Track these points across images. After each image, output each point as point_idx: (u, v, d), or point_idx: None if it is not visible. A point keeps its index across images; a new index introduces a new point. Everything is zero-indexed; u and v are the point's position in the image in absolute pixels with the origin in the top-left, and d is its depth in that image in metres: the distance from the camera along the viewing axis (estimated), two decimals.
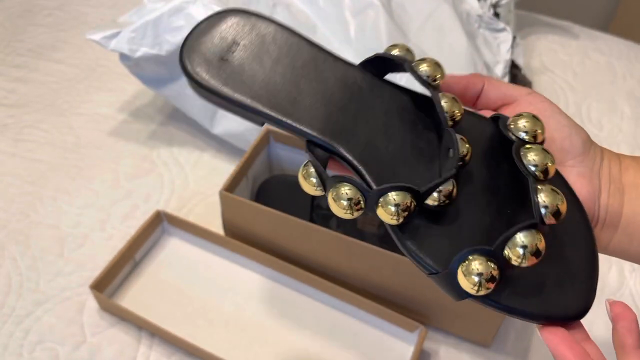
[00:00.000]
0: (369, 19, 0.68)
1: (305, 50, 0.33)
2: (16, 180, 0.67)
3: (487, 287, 0.26)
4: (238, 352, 0.52)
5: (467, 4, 0.74)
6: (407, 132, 0.31)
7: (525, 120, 0.30)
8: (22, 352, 0.52)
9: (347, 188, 0.28)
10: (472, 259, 0.26)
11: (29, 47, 0.88)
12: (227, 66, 0.31)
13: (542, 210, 0.26)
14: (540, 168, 0.28)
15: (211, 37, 0.32)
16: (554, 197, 0.27)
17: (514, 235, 0.26)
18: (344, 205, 0.28)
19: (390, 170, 0.30)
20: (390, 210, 0.27)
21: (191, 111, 0.70)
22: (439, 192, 0.27)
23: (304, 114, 0.30)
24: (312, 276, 0.55)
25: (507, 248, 0.26)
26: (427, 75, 0.30)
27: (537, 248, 0.26)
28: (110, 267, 0.54)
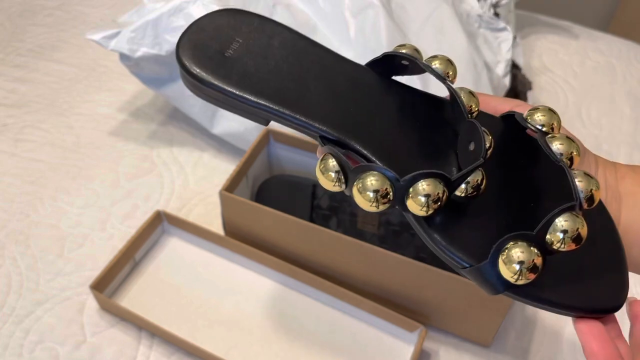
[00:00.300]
0: (369, 19, 0.68)
1: (311, 49, 0.32)
2: (16, 180, 0.67)
3: (527, 276, 0.25)
4: (238, 352, 0.52)
5: (467, 4, 0.74)
6: (421, 127, 0.31)
7: (542, 114, 0.29)
8: (22, 352, 0.52)
9: (374, 178, 0.26)
10: (512, 245, 0.25)
11: (29, 47, 0.88)
12: (228, 62, 0.30)
13: (580, 194, 0.26)
14: (566, 155, 0.27)
15: (210, 33, 0.31)
16: (588, 181, 0.26)
17: (555, 220, 0.25)
18: (370, 198, 0.26)
19: (411, 164, 0.29)
20: (420, 201, 0.26)
21: (191, 111, 0.70)
22: (467, 183, 0.26)
23: (314, 110, 0.29)
24: (312, 276, 0.55)
25: (548, 233, 0.25)
26: (440, 71, 0.30)
27: (578, 233, 0.25)
28: (110, 267, 0.54)
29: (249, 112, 0.30)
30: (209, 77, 0.29)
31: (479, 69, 0.68)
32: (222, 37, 0.31)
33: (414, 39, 0.69)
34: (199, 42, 0.30)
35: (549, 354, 0.55)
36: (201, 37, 0.31)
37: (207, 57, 0.30)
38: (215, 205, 0.65)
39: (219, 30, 0.31)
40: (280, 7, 0.69)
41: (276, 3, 0.69)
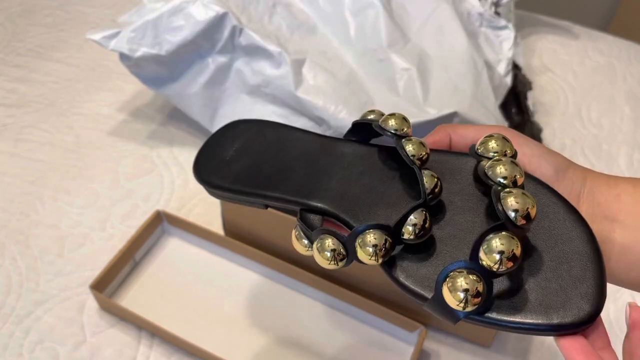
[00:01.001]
0: (369, 19, 0.68)
1: (297, 137, 0.37)
2: (16, 180, 0.67)
3: (473, 302, 0.26)
4: (238, 352, 0.52)
5: (467, 3, 0.74)
6: (387, 181, 0.33)
7: (494, 141, 0.31)
8: (22, 352, 0.52)
9: (330, 240, 0.29)
10: (453, 275, 0.26)
11: (29, 47, 0.88)
12: (228, 165, 0.36)
13: (511, 213, 0.26)
14: (508, 180, 0.28)
15: (217, 145, 0.37)
16: (523, 199, 0.27)
17: (484, 241, 0.26)
18: (327, 257, 0.29)
19: (371, 215, 0.31)
20: (369, 251, 0.28)
21: (191, 111, 0.70)
22: (414, 225, 0.28)
23: (292, 186, 0.33)
24: (312, 276, 0.55)
25: (483, 256, 0.26)
26: (395, 129, 0.32)
27: (512, 252, 0.25)
28: (110, 267, 0.54)
29: (249, 202, 0.35)
30: (214, 181, 0.35)
31: (480, 68, 0.68)
32: (225, 146, 0.37)
33: (414, 39, 0.69)
34: (209, 154, 0.37)
35: (549, 355, 0.55)
36: (211, 150, 0.37)
37: (213, 165, 0.36)
38: (215, 205, 0.65)
39: (224, 141, 0.37)
40: (280, 7, 0.69)
41: (276, 3, 0.69)
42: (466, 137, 0.34)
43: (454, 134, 0.34)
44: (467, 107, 0.62)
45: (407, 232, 0.29)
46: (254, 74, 0.65)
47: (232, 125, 0.38)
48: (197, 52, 0.65)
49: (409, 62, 0.65)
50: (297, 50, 0.65)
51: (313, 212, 0.33)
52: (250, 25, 0.65)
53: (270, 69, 0.64)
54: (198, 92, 0.67)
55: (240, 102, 0.67)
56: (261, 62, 0.64)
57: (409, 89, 0.64)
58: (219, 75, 0.67)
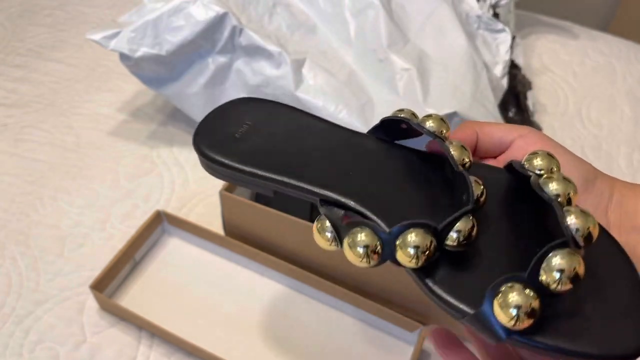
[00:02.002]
0: (369, 19, 0.68)
1: (312, 124, 0.34)
2: (16, 180, 0.67)
3: (525, 321, 0.23)
4: (238, 352, 0.52)
5: (466, 4, 0.74)
6: (420, 185, 0.31)
7: (540, 159, 0.29)
8: (22, 352, 0.52)
9: (364, 234, 0.27)
10: (506, 290, 0.24)
11: (29, 47, 0.88)
12: (237, 143, 0.33)
13: (575, 233, 0.25)
14: (563, 196, 0.27)
15: (223, 120, 0.35)
16: (584, 218, 0.25)
17: (548, 257, 0.24)
18: (360, 253, 0.27)
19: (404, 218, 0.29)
20: (409, 253, 0.26)
21: (191, 111, 0.70)
22: (459, 232, 0.26)
23: (315, 175, 0.31)
24: (312, 276, 0.55)
25: (542, 273, 0.24)
26: (434, 130, 0.30)
27: (575, 271, 0.23)
28: (110, 267, 0.54)
29: (256, 185, 0.32)
30: (218, 157, 0.32)
31: (479, 69, 0.68)
32: (233, 122, 0.34)
33: (414, 39, 0.69)
34: (213, 127, 0.34)
35: None
36: (215, 123, 0.34)
37: (218, 140, 0.33)
38: (215, 205, 0.65)
39: (231, 116, 0.35)
40: (280, 7, 0.69)
41: (276, 3, 0.69)
42: (492, 137, 0.33)
43: (481, 132, 0.33)
44: (466, 108, 0.63)
45: (450, 239, 0.26)
46: (254, 74, 0.65)
47: (241, 101, 0.36)
48: (197, 52, 0.66)
49: (408, 62, 0.65)
50: (297, 51, 0.65)
51: (335, 205, 0.30)
52: (250, 25, 0.65)
53: (270, 69, 0.64)
54: (198, 92, 0.67)
55: None
56: (261, 62, 0.64)
57: (408, 89, 0.64)
58: (219, 75, 0.67)
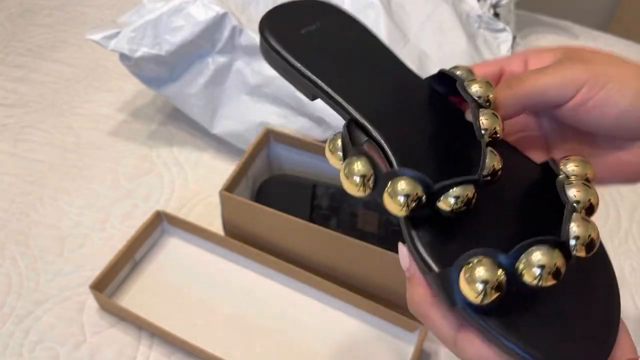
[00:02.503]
0: (369, 19, 0.68)
1: (377, 50, 0.34)
2: (16, 180, 0.67)
3: (486, 297, 0.23)
4: (238, 352, 0.52)
5: (466, 4, 0.74)
6: (448, 144, 0.30)
7: (575, 164, 0.28)
8: (22, 352, 0.52)
9: (361, 163, 0.27)
10: (479, 261, 0.23)
11: (28, 47, 0.88)
12: (300, 38, 0.33)
13: (572, 241, 0.24)
14: (583, 204, 0.26)
15: (295, 13, 0.35)
16: (585, 227, 0.24)
17: (531, 248, 0.23)
18: (356, 182, 0.27)
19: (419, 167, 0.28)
20: (399, 201, 0.25)
21: (191, 111, 0.70)
22: (456, 198, 0.25)
23: (354, 96, 0.31)
24: (312, 276, 0.55)
25: (520, 261, 0.23)
26: (478, 95, 0.29)
27: (553, 269, 0.23)
28: (110, 267, 0.54)
29: (300, 84, 0.33)
30: (276, 44, 0.33)
31: None
32: (303, 18, 0.34)
33: (414, 39, 0.69)
34: (284, 16, 0.34)
35: None
36: (288, 13, 0.35)
37: (283, 28, 0.33)
38: (215, 205, 0.65)
39: (303, 12, 0.35)
40: None
41: (276, 2, 0.69)
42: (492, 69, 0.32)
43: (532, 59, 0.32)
44: None
45: (445, 203, 0.26)
46: (254, 74, 0.65)
47: (319, 3, 0.36)
48: (197, 53, 0.65)
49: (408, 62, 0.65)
50: None
51: (363, 131, 0.30)
52: (250, 25, 0.65)
53: (270, 69, 0.64)
54: (198, 92, 0.67)
55: (240, 102, 0.67)
56: (261, 62, 0.64)
57: None
58: (219, 76, 0.67)
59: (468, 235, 0.27)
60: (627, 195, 0.69)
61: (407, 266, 0.27)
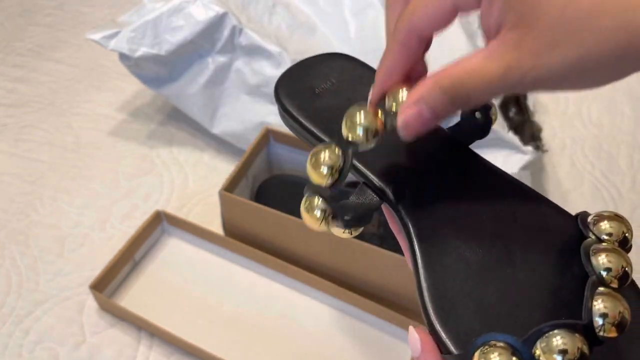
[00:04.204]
0: (369, 19, 0.68)
1: None
2: (16, 180, 0.67)
3: None
4: (238, 352, 0.52)
5: None
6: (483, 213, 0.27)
7: (609, 223, 0.24)
8: (21, 352, 0.52)
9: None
10: (491, 348, 0.21)
11: (28, 46, 0.88)
12: (313, 98, 0.32)
13: (598, 319, 0.20)
14: (613, 273, 0.22)
15: (312, 70, 0.34)
16: (614, 304, 0.21)
17: (550, 332, 0.20)
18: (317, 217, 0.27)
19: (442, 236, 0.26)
20: None
21: (191, 111, 0.70)
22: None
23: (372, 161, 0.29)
24: (312, 276, 0.55)
25: (537, 346, 0.20)
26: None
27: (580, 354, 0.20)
28: (110, 267, 0.54)
29: (312, 143, 0.31)
30: (290, 107, 0.32)
31: None
32: (318, 76, 0.33)
33: None
34: (298, 76, 0.33)
35: None
36: (302, 72, 0.33)
37: (297, 89, 0.32)
38: (215, 205, 0.65)
39: (318, 69, 0.34)
40: (280, 7, 0.69)
41: (276, 3, 0.69)
42: None
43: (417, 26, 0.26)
44: None
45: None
46: (254, 74, 0.65)
47: (335, 56, 0.34)
48: (197, 52, 0.65)
49: None
50: (297, 50, 0.65)
51: (377, 193, 0.28)
52: (250, 25, 0.65)
53: (270, 69, 0.64)
54: (198, 92, 0.67)
55: (240, 102, 0.67)
56: (261, 62, 0.64)
57: None
58: (219, 75, 0.66)
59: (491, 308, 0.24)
60: (626, 195, 0.69)
61: (418, 354, 0.24)
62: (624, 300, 0.21)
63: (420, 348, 0.24)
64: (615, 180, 0.71)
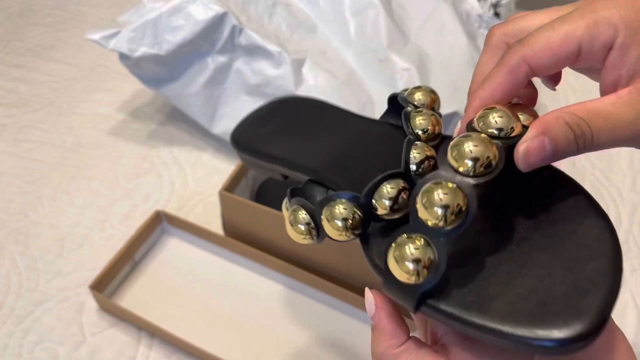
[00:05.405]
0: (369, 19, 0.68)
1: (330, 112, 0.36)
2: (15, 180, 0.67)
3: (423, 273, 0.22)
4: (238, 352, 0.52)
5: (467, 3, 0.74)
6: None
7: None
8: (21, 352, 0.52)
9: (302, 212, 0.27)
10: (401, 242, 0.23)
11: (28, 46, 0.88)
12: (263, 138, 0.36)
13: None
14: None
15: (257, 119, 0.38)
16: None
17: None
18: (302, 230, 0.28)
19: None
20: (337, 225, 0.26)
21: (191, 111, 0.70)
22: (390, 199, 0.25)
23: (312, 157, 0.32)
24: (312, 276, 0.55)
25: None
26: (422, 103, 0.30)
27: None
28: (110, 267, 0.54)
29: (273, 172, 0.35)
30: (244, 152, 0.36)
31: None
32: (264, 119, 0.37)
33: (414, 39, 0.69)
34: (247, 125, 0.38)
35: None
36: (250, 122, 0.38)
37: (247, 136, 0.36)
38: (215, 205, 0.65)
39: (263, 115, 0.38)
40: (280, 6, 0.69)
41: (276, 3, 0.69)
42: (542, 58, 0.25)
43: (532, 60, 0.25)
44: None
45: (381, 206, 0.25)
46: (254, 74, 0.65)
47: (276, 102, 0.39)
48: (197, 52, 0.65)
49: (409, 62, 0.65)
50: (297, 50, 0.65)
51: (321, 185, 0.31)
52: (250, 25, 0.65)
53: (270, 69, 0.64)
54: (198, 92, 0.67)
55: (240, 102, 0.67)
56: (261, 61, 0.64)
57: None
58: (219, 75, 0.66)
59: None
60: (627, 195, 0.69)
61: (372, 313, 0.26)
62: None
63: (375, 306, 0.27)
64: (615, 180, 0.71)
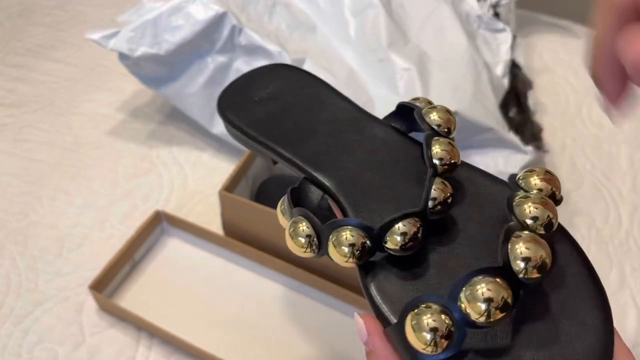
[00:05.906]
0: (369, 19, 0.68)
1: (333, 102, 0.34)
2: (15, 180, 0.67)
3: (441, 345, 0.21)
4: (238, 353, 0.52)
5: (466, 4, 0.74)
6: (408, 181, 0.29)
7: (539, 177, 0.25)
8: (21, 352, 0.52)
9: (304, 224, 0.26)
10: (421, 310, 0.21)
11: (28, 46, 0.88)
12: (254, 107, 0.34)
13: (520, 263, 0.21)
14: (540, 221, 0.23)
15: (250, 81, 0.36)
16: (536, 248, 0.21)
17: (468, 282, 0.21)
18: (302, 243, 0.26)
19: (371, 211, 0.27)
20: (343, 251, 0.24)
21: (191, 111, 0.70)
22: (402, 235, 0.24)
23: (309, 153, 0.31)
24: (312, 276, 0.55)
25: (463, 299, 0.21)
26: (438, 123, 0.28)
27: (503, 301, 0.21)
28: (110, 267, 0.54)
29: (258, 151, 0.33)
30: (232, 117, 0.33)
31: (479, 69, 0.68)
32: (256, 86, 0.35)
33: (414, 39, 0.69)
34: (237, 88, 0.35)
35: None
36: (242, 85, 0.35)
37: (237, 100, 0.34)
38: (214, 205, 0.65)
39: (256, 80, 0.35)
40: (280, 6, 0.69)
41: (276, 2, 0.68)
42: None
43: None
44: (467, 107, 0.62)
45: (392, 242, 0.24)
46: None
47: (272, 67, 0.36)
48: (197, 52, 0.65)
49: (409, 62, 0.65)
50: (297, 50, 0.65)
51: (316, 185, 0.30)
52: (249, 24, 0.65)
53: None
54: (197, 91, 0.67)
55: None
56: (261, 61, 0.64)
57: (409, 89, 0.64)
58: (219, 75, 0.66)
59: (424, 278, 0.25)
60: (627, 195, 0.69)
61: (364, 339, 0.25)
62: (543, 242, 0.22)
63: (366, 332, 0.25)
64: (616, 180, 0.71)
